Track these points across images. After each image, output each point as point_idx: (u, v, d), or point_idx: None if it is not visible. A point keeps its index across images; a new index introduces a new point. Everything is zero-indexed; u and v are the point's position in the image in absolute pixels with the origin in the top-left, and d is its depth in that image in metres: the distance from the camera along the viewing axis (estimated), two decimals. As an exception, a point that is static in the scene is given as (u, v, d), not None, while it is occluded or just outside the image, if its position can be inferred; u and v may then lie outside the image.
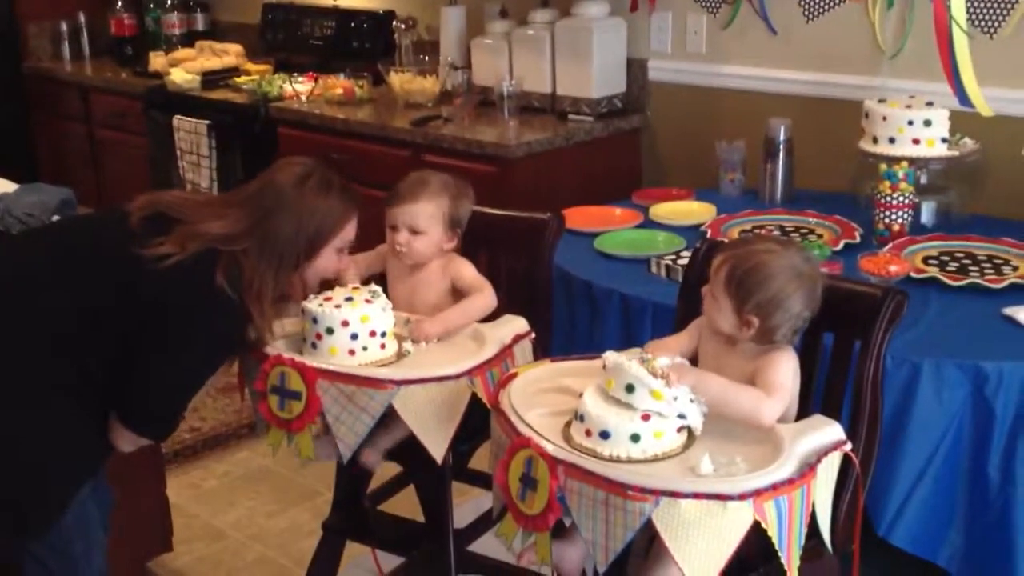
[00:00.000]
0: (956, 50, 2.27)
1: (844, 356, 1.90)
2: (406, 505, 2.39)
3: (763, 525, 1.55)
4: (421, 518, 2.27)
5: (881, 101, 2.89)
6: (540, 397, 1.84)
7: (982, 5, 2.88)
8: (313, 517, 2.96)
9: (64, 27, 5.21)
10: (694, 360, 1.93)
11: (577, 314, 2.63)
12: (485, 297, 2.18)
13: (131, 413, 1.92)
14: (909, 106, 2.82)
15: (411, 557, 2.28)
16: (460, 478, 2.37)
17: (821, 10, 3.23)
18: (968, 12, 2.89)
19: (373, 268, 2.35)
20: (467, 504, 2.61)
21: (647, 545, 1.75)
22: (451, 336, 2.15)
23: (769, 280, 1.80)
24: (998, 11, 2.87)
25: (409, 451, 2.08)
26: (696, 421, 1.70)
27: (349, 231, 2.08)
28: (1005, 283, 2.41)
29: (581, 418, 1.69)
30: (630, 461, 1.64)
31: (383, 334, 2.06)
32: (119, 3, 5.06)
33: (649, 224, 2.97)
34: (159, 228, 1.90)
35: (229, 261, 1.89)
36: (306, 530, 2.95)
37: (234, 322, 1.92)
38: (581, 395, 1.73)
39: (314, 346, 2.04)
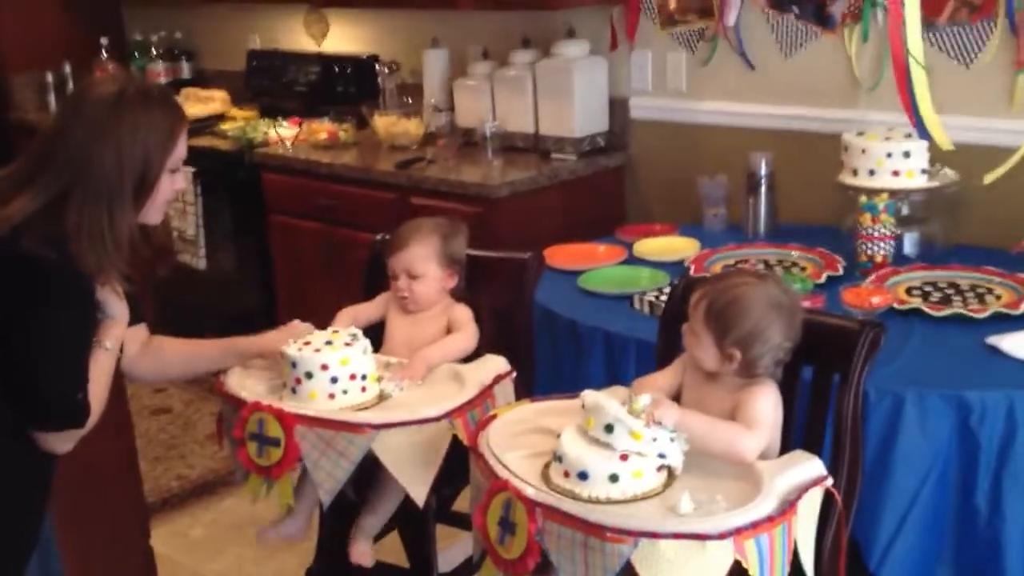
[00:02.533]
0: (914, 83, 2.28)
1: (824, 390, 1.89)
2: (390, 551, 2.36)
3: (744, 564, 1.54)
4: (406, 563, 2.25)
5: (860, 134, 2.90)
6: (520, 438, 1.83)
7: (958, 36, 2.90)
8: (300, 564, 2.92)
9: (50, 78, 5.22)
10: (678, 396, 1.93)
11: (561, 352, 2.62)
12: (461, 339, 2.22)
13: (35, 415, 1.77)
14: (888, 138, 2.83)
15: (396, 603, 2.26)
16: (446, 521, 2.35)
17: (797, 45, 3.25)
18: (944, 42, 2.92)
19: (373, 318, 2.36)
20: (455, 547, 2.58)
21: (630, 586, 1.73)
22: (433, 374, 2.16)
23: (747, 312, 1.81)
24: (974, 42, 2.89)
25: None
26: (676, 460, 1.69)
27: (179, 148, 1.85)
28: (988, 312, 2.40)
29: (559, 459, 1.68)
30: (609, 502, 1.62)
31: (363, 377, 2.06)
32: (104, 54, 5.08)
33: (633, 261, 2.96)
34: None
35: (40, 222, 1.72)
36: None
37: (67, 281, 1.74)
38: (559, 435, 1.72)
39: (294, 391, 2.04)
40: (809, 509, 1.68)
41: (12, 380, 1.75)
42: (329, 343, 2.05)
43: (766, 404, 1.80)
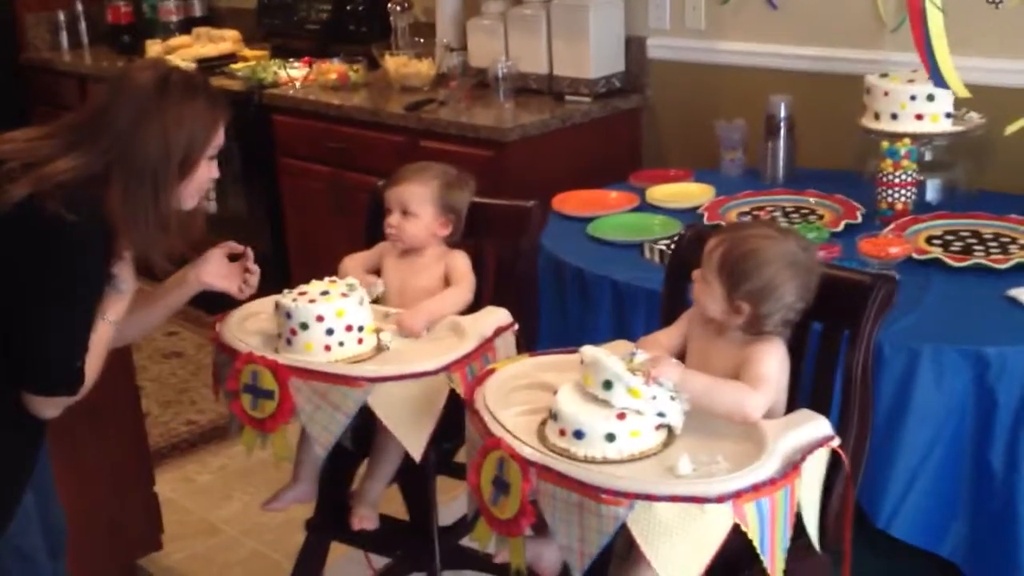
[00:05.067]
0: (930, 27, 2.16)
1: (832, 346, 1.82)
2: (391, 503, 2.33)
3: (743, 528, 1.48)
4: (406, 516, 2.22)
5: (883, 76, 2.79)
6: (517, 394, 1.78)
7: (988, -27, 2.78)
8: (307, 510, 2.91)
9: (61, 17, 5.16)
10: (684, 353, 1.87)
11: (568, 302, 2.56)
12: (460, 291, 2.17)
13: (32, 376, 1.76)
14: (912, 80, 2.72)
15: (396, 557, 2.22)
16: (448, 473, 2.31)
17: (821, -18, 3.13)
18: (974, -19, 2.79)
19: (373, 265, 2.30)
20: (459, 499, 2.55)
21: (629, 547, 1.68)
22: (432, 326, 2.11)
23: (763, 267, 1.74)
24: (1005, -21, 2.77)
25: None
26: (676, 419, 1.63)
27: (220, 136, 1.90)
28: (1010, 263, 2.31)
29: (555, 416, 1.63)
30: (605, 461, 1.57)
31: (360, 328, 2.00)
32: (116, -8, 5.01)
33: (645, 207, 2.88)
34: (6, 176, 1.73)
35: (74, 189, 1.72)
36: (301, 524, 2.89)
37: (85, 248, 1.74)
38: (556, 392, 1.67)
39: (289, 342, 1.99)
40: (814, 470, 1.62)
41: (15, 338, 1.74)
42: (325, 293, 2.00)
43: (772, 361, 1.73)
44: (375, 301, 2.17)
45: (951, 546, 2.13)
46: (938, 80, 2.28)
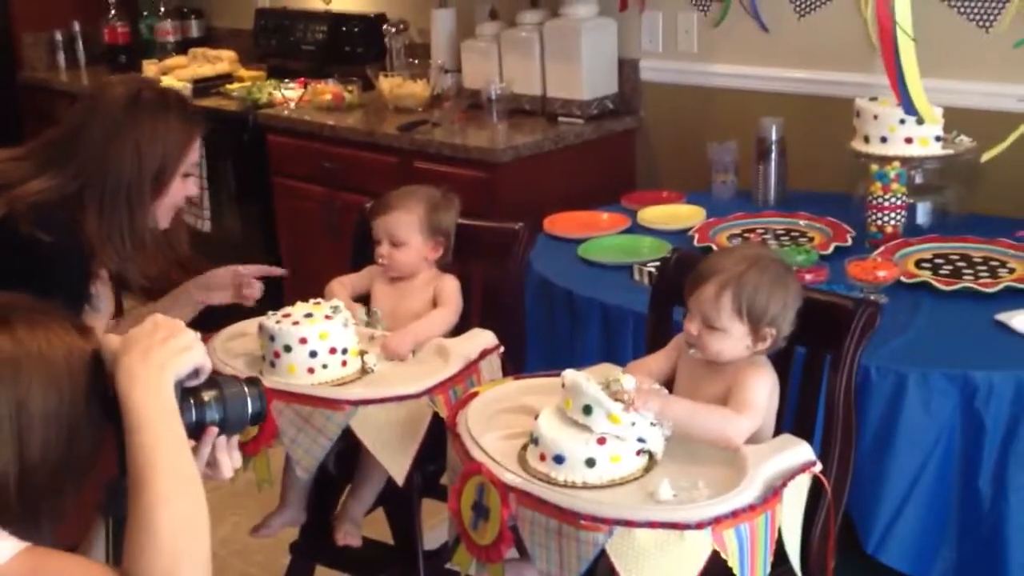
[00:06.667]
0: (901, 55, 2.16)
1: (815, 371, 1.81)
2: (377, 527, 2.32)
3: (723, 554, 1.47)
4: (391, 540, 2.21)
5: (873, 99, 2.79)
6: (499, 418, 1.77)
7: (977, -3, 2.79)
8: (296, 533, 2.90)
9: (59, 36, 5.17)
10: (673, 378, 1.86)
11: (557, 324, 2.55)
12: (445, 313, 2.16)
13: None
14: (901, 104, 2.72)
15: (381, 581, 2.21)
16: (435, 496, 2.30)
17: (813, 6, 3.13)
18: (964, 4, 2.80)
19: (361, 289, 2.30)
20: (446, 522, 2.53)
21: (610, 573, 1.67)
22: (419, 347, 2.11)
23: (774, 293, 1.75)
24: (993, 4, 2.77)
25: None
26: (656, 445, 1.62)
27: (194, 152, 1.87)
28: (999, 287, 2.31)
29: (536, 441, 1.62)
30: (585, 487, 1.56)
31: (344, 351, 2.00)
32: (112, 11, 5.02)
33: (636, 229, 2.88)
34: None
35: (48, 209, 1.71)
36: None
37: (60, 266, 1.73)
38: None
39: (272, 364, 1.98)
40: (796, 496, 1.61)
41: None
42: (309, 316, 1.99)
43: (759, 387, 1.72)
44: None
45: (939, 572, 2.11)
46: (908, 107, 2.29)
